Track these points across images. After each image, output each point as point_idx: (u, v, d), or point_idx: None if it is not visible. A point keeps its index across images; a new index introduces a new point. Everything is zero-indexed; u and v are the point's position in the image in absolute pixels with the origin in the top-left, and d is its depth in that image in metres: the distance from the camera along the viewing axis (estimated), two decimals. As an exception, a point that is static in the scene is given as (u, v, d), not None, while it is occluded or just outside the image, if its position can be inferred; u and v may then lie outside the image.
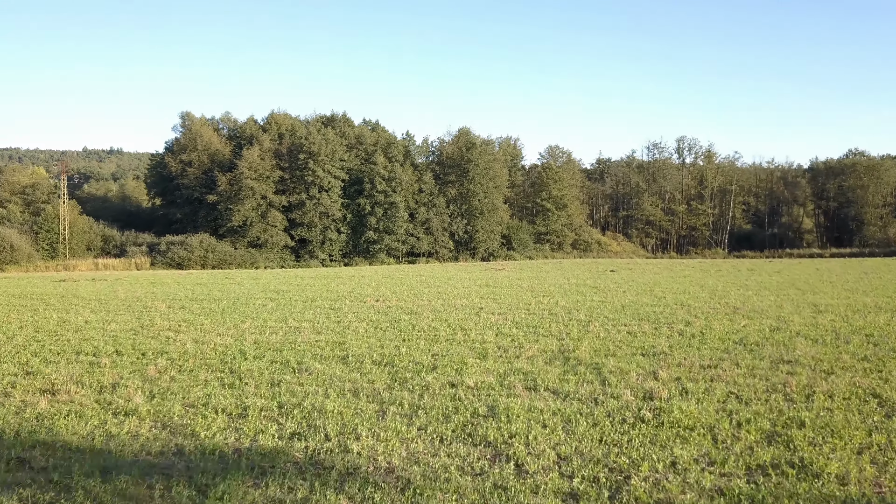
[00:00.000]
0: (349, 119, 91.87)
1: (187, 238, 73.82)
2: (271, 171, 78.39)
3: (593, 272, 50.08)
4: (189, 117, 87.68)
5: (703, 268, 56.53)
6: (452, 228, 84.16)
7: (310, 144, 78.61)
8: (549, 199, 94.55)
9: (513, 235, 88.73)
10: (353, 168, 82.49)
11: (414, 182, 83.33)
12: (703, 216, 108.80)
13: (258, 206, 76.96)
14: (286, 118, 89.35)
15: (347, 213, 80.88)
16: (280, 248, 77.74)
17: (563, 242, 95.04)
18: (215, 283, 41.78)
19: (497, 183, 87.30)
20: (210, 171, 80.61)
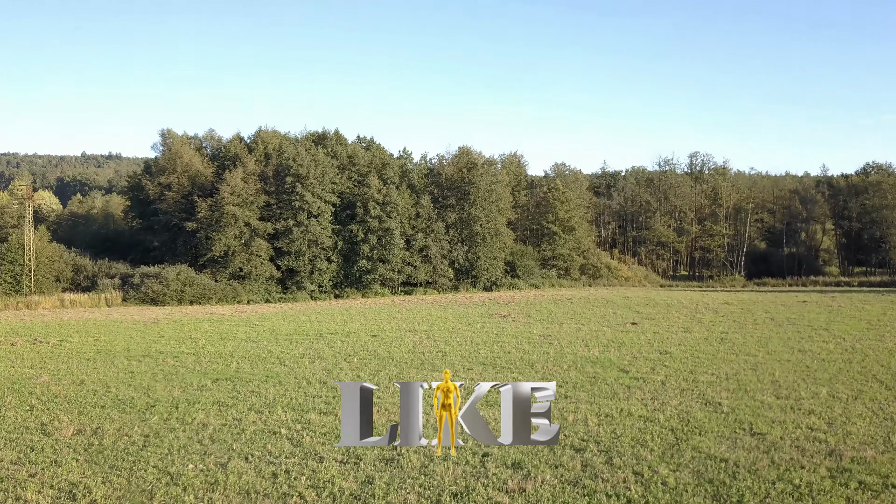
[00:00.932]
0: (342, 136, 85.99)
1: (163, 270, 67.86)
2: (256, 196, 72.37)
3: (611, 323, 43.91)
4: (170, 135, 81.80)
5: (734, 310, 50.37)
6: (452, 256, 78.09)
7: (297, 166, 72.62)
8: (556, 221, 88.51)
9: (517, 262, 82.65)
10: (345, 191, 76.49)
11: (411, 206, 77.28)
12: (717, 237, 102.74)
13: (241, 235, 70.93)
14: (274, 136, 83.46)
15: (338, 240, 74.85)
16: (265, 279, 71.65)
17: (571, 267, 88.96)
18: (180, 341, 35.56)
19: (500, 206, 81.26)
20: (190, 195, 74.67)
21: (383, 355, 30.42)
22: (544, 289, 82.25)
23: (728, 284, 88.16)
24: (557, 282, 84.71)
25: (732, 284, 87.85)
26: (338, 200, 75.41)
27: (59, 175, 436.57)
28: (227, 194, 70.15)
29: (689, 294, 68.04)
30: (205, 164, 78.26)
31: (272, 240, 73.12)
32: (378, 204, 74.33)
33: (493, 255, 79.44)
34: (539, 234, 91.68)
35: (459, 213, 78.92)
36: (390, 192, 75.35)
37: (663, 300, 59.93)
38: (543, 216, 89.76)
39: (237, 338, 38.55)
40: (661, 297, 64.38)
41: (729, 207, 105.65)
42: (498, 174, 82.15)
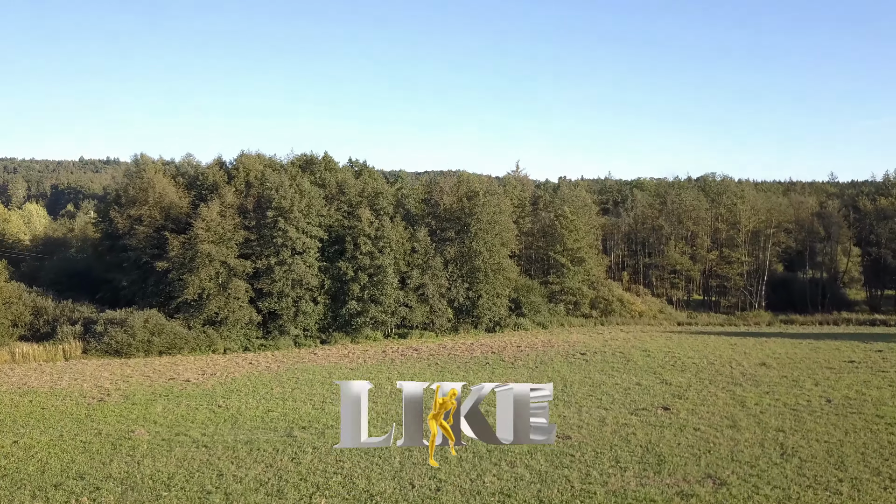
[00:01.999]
0: (331, 161, 79.16)
1: (130, 315, 60.98)
2: (234, 232, 65.48)
3: (638, 405, 36.83)
4: (143, 161, 75.01)
5: (776, 379, 43.32)
6: (451, 294, 71.12)
7: (280, 199, 65.74)
8: (564, 251, 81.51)
9: (522, 298, 75.67)
10: (334, 224, 69.63)
11: (406, 240, 70.37)
12: (736, 264, 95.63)
13: (217, 275, 64.01)
14: (258, 161, 76.64)
15: (326, 278, 67.94)
16: (244, 324, 64.68)
17: (581, 302, 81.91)
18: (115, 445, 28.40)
19: (504, 239, 74.33)
20: (163, 229, 67.80)
21: (361, 488, 23.51)
22: (552, 328, 75.33)
23: (752, 322, 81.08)
24: (566, 319, 77.74)
25: (757, 322, 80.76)
26: (325, 235, 68.55)
27: (54, 182, 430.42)
28: (202, 231, 63.27)
29: (716, 344, 60.97)
30: (180, 193, 71.40)
31: (252, 280, 66.20)
32: (369, 239, 67.47)
33: (496, 293, 72.50)
34: (545, 265, 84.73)
35: (459, 247, 72.02)
36: (383, 225, 68.50)
37: (689, 357, 52.86)
38: (551, 246, 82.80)
39: (188, 437, 31.61)
40: (686, 349, 57.32)
41: (748, 232, 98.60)
42: (501, 203, 75.12)
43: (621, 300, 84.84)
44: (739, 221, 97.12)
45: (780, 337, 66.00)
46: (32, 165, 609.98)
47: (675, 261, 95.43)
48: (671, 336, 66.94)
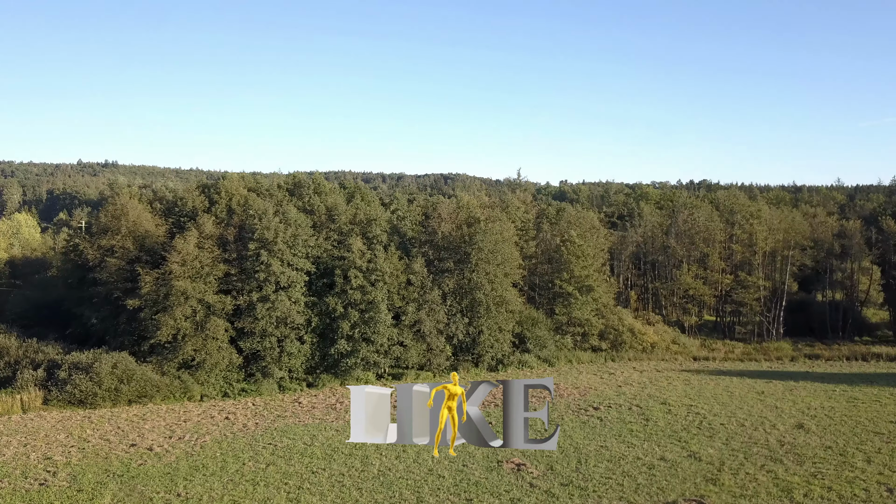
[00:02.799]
0: (322, 183, 73.59)
1: (97, 360, 55.44)
2: (212, 266, 59.94)
3: (662, 485, 31.28)
4: (116, 186, 69.48)
5: (822, 454, 37.71)
6: (450, 330, 65.57)
7: (263, 229, 60.23)
8: (571, 279, 75.94)
9: (527, 332, 70.13)
10: (322, 256, 64.14)
11: (400, 272, 64.84)
12: (752, 289, 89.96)
13: (194, 314, 58.48)
14: (241, 183, 71.19)
15: (313, 315, 62.42)
16: (223, 367, 59.11)
17: (589, 333, 76.29)
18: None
19: (507, 269, 68.82)
20: (137, 261, 62.36)
21: None
22: (560, 365, 69.77)
23: (773, 356, 75.42)
24: (574, 354, 72.16)
25: (779, 356, 75.10)
26: (312, 267, 63.05)
27: (50, 187, 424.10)
28: (177, 265, 57.76)
29: (741, 391, 55.32)
30: (156, 221, 65.92)
31: (233, 317, 60.71)
32: (361, 272, 61.96)
33: (498, 328, 66.96)
34: (551, 292, 79.14)
35: (458, 279, 66.49)
36: (376, 256, 63.02)
37: (715, 414, 47.23)
38: (556, 273, 77.22)
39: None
40: (709, 400, 51.72)
41: (766, 254, 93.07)
42: (504, 230, 69.53)
43: (632, 330, 79.22)
44: (756, 243, 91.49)
45: (808, 380, 60.40)
46: (30, 169, 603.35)
47: (689, 285, 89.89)
48: (689, 379, 61.34)
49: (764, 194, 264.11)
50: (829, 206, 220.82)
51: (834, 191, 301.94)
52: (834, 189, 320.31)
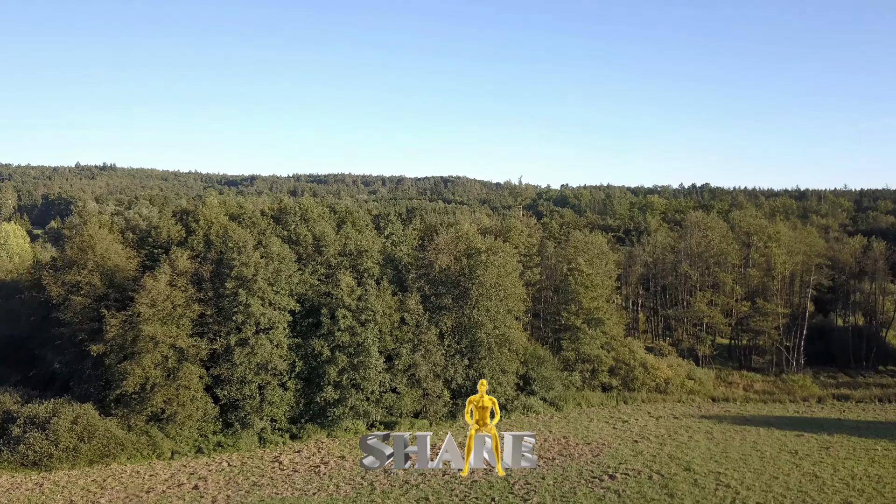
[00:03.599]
0: (309, 210, 67.91)
1: (55, 414, 49.92)
2: (186, 307, 54.31)
3: None
4: (83, 213, 63.96)
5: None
6: (448, 373, 59.97)
7: (241, 266, 54.63)
8: (580, 312, 70.32)
9: (532, 372, 64.51)
10: (308, 293, 58.54)
11: (394, 310, 59.22)
12: (771, 317, 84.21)
13: (164, 361, 52.86)
14: (222, 209, 65.64)
15: (297, 359, 56.81)
16: (197, 418, 53.48)
17: (599, 370, 70.68)
18: None
19: (510, 305, 63.20)
20: (105, 299, 56.83)
21: None
22: (568, 408, 64.13)
23: (798, 395, 69.73)
24: (583, 397, 66.52)
25: (804, 396, 69.35)
26: (297, 306, 57.46)
27: (46, 191, 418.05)
28: (146, 307, 52.14)
29: (772, 451, 49.62)
30: (128, 253, 60.30)
31: (209, 363, 55.14)
32: (349, 311, 56.34)
33: (500, 370, 61.37)
34: (557, 323, 73.54)
35: (457, 316, 60.90)
36: (367, 292, 57.41)
37: (749, 490, 41.51)
38: (563, 304, 71.62)
39: None
40: (738, 465, 46.05)
41: (785, 279, 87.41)
42: (507, 263, 63.84)
43: (644, 365, 73.49)
44: (774, 267, 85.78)
45: (843, 431, 54.77)
46: (27, 172, 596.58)
47: (703, 313, 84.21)
48: (711, 429, 55.67)
49: (770, 201, 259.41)
50: (838, 216, 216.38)
51: (840, 196, 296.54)
52: (839, 194, 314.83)
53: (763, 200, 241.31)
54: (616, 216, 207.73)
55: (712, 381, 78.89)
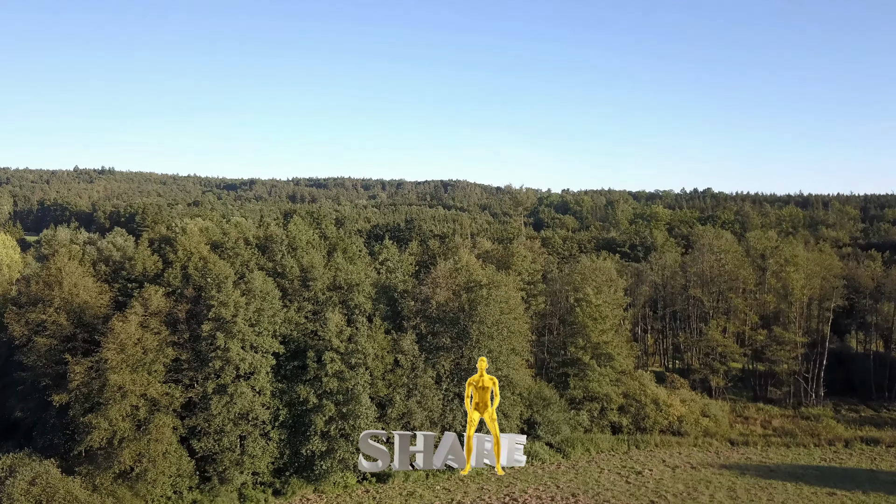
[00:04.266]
0: (297, 238, 63.12)
1: (11, 474, 45.15)
2: (158, 352, 49.56)
3: None
4: (55, 243, 59.29)
5: None
6: (446, 420, 55.19)
7: (220, 307, 49.88)
8: (588, 346, 65.60)
9: (537, 415, 59.74)
10: (293, 334, 53.76)
11: (387, 351, 54.47)
12: (789, 346, 79.34)
13: (134, 412, 48.11)
14: (203, 237, 60.92)
15: (281, 406, 52.05)
16: (171, 474, 48.70)
17: (608, 408, 65.99)
18: None
19: (514, 345, 58.45)
20: (72, 340, 52.12)
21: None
22: (575, 454, 59.34)
23: (823, 437, 64.90)
24: (592, 441, 61.71)
25: (830, 438, 64.47)
26: (281, 347, 52.71)
27: (42, 197, 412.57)
28: (113, 353, 47.38)
29: None
30: (99, 288, 55.56)
31: (184, 412, 50.38)
32: (338, 354, 51.57)
33: (503, 414, 56.53)
34: (563, 357, 68.86)
35: (456, 357, 56.18)
36: (358, 330, 52.69)
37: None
38: (570, 338, 66.90)
39: None
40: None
41: (803, 305, 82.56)
42: (511, 298, 59.09)
43: (656, 402, 68.69)
44: (792, 293, 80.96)
45: (880, 489, 49.96)
46: (26, 175, 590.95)
47: (717, 342, 79.43)
48: (734, 486, 50.85)
49: (776, 209, 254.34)
50: (846, 225, 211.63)
51: (846, 203, 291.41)
52: (844, 200, 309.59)
53: (769, 209, 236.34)
54: (619, 227, 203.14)
55: (727, 416, 74.23)
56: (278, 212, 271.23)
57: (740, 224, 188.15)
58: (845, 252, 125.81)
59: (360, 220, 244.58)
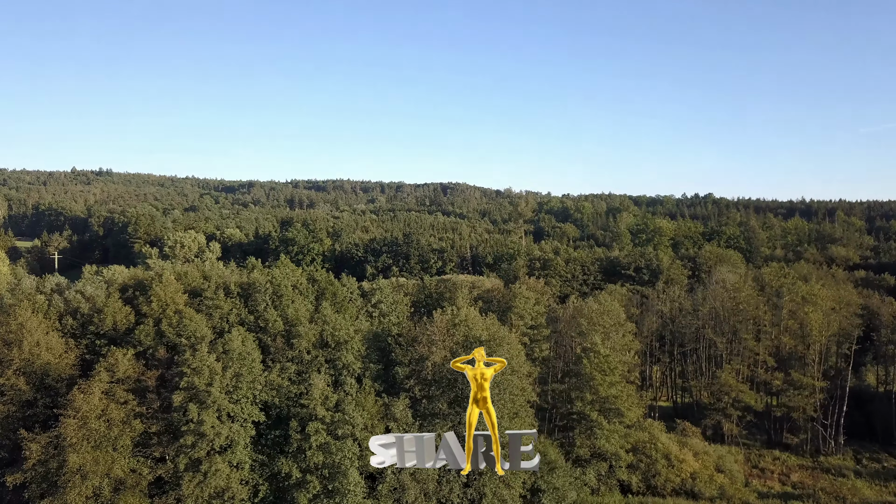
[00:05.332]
0: (281, 285, 58.37)
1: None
2: (125, 425, 44.92)
3: None
4: (19, 292, 54.68)
5: None
6: (443, 494, 50.52)
7: (192, 375, 45.21)
8: (595, 401, 60.97)
9: (541, 482, 55.05)
10: (274, 401, 49.11)
11: (377, 419, 49.81)
12: (807, 390, 74.76)
13: (96, 494, 43.46)
14: (180, 286, 56.22)
15: (261, 480, 47.43)
16: (137, 563, 44.08)
17: (616, 466, 61.41)
18: None
19: (517, 408, 53.76)
20: (32, 406, 47.54)
21: None
22: (582, 525, 54.72)
23: (849, 499, 60.29)
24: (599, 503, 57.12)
25: (855, 499, 59.82)
26: (261, 416, 48.11)
27: (38, 200, 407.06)
28: (73, 430, 42.75)
29: None
30: (64, 344, 50.92)
31: (153, 491, 45.73)
32: (323, 424, 46.95)
33: (505, 484, 51.87)
34: (568, 411, 64.23)
35: (454, 424, 51.38)
36: (346, 396, 48.10)
37: None
38: (576, 390, 62.22)
39: None
40: None
41: (822, 346, 77.93)
42: (516, 355, 54.37)
43: (667, 457, 64.15)
44: (810, 334, 76.39)
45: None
46: (22, 177, 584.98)
47: (732, 386, 74.79)
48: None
49: (780, 221, 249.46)
50: (853, 238, 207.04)
51: (851, 213, 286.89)
52: (848, 208, 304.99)
53: (773, 222, 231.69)
54: (622, 239, 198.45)
55: (742, 467, 69.82)
56: (275, 220, 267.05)
57: (745, 239, 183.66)
58: (858, 276, 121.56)
59: (358, 229, 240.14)
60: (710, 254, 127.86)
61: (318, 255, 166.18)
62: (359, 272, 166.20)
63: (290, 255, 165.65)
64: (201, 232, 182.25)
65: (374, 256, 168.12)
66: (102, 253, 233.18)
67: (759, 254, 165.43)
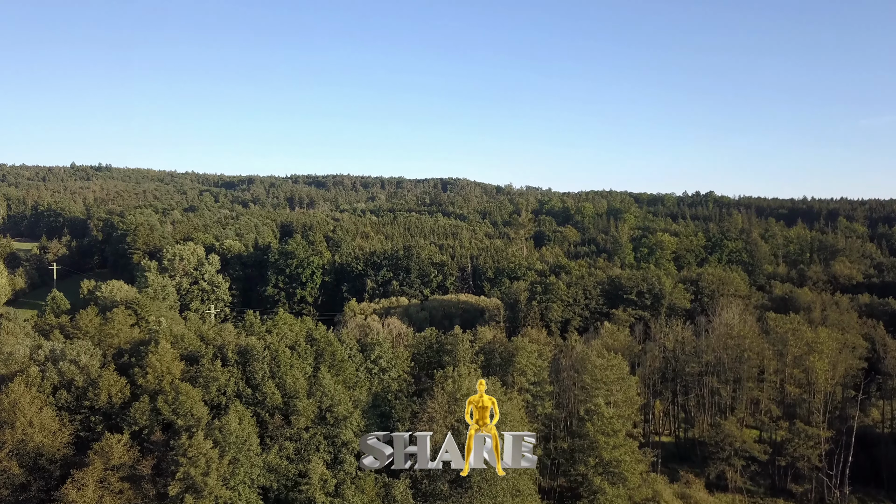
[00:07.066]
0: (279, 350, 57.26)
1: None
2: (117, 519, 43.98)
3: None
4: (13, 362, 53.60)
5: None
6: (443, 575, 49.70)
7: (188, 464, 44.25)
8: (599, 465, 60.09)
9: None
10: (272, 485, 48.17)
11: (378, 501, 48.86)
12: (812, 441, 73.78)
13: (90, 591, 42.57)
14: (177, 351, 55.20)
15: (260, 569, 46.52)
16: None
17: (619, 531, 60.57)
18: None
19: (521, 486, 52.76)
20: (25, 491, 46.56)
21: None
22: None
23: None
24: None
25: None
26: (259, 501, 47.14)
27: (37, 200, 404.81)
28: (66, 527, 41.81)
29: None
30: (58, 422, 49.89)
31: (148, 582, 44.87)
32: (323, 512, 46.05)
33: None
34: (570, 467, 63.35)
35: None
36: (344, 484, 47.18)
37: None
38: (580, 454, 61.29)
39: None
40: None
41: (827, 395, 76.94)
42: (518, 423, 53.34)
43: (672, 516, 63.41)
44: (815, 382, 75.42)
45: None
46: (22, 172, 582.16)
47: (736, 437, 73.86)
48: None
49: (782, 228, 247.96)
50: (856, 247, 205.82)
51: (852, 217, 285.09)
52: (849, 209, 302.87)
53: (776, 230, 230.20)
54: (623, 249, 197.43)
55: (747, 523, 69.11)
56: (274, 225, 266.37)
57: (748, 252, 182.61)
58: (862, 303, 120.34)
59: (358, 235, 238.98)
60: (712, 277, 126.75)
61: (317, 269, 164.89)
62: (359, 286, 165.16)
63: (290, 269, 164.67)
64: (200, 243, 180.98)
65: (374, 270, 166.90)
66: (101, 260, 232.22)
67: (762, 271, 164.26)
